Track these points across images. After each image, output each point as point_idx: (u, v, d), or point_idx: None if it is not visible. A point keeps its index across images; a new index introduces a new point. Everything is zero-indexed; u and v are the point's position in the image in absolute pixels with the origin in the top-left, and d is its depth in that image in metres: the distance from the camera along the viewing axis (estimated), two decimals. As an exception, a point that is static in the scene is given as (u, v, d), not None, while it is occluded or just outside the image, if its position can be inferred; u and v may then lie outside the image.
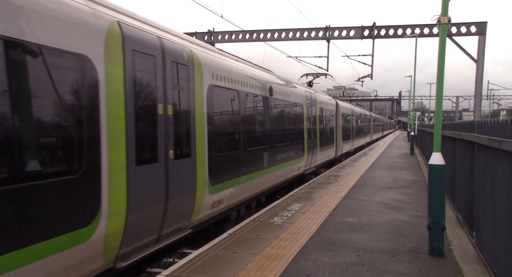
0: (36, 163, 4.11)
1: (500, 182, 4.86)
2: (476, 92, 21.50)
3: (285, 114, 12.62)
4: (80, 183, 4.54)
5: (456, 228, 8.07)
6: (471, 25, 21.04)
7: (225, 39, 24.27)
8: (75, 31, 4.59)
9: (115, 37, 5.19)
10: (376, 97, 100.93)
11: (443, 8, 6.47)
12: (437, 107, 6.86)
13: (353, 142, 28.27)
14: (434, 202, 6.43)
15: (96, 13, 5.01)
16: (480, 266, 5.92)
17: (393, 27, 22.74)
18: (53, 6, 4.36)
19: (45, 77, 4.24)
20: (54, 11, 4.36)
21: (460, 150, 8.39)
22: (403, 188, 12.85)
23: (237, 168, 8.75)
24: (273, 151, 11.00)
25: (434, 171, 6.48)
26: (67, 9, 4.54)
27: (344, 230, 7.69)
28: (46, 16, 4.24)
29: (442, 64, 6.56)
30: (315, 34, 23.53)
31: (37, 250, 4.04)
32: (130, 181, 5.31)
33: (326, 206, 9.77)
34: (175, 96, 6.47)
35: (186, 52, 6.87)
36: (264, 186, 10.66)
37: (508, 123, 4.53)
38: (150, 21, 6.37)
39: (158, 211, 5.97)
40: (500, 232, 4.81)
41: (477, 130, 6.39)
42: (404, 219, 8.68)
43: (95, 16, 4.94)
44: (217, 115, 7.90)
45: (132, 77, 5.46)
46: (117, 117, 5.13)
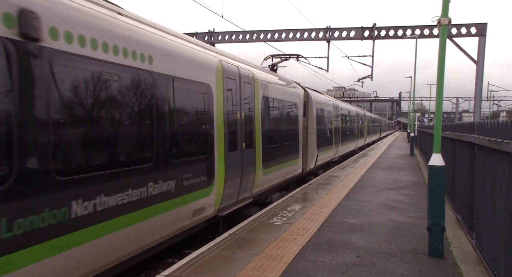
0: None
1: (500, 183, 4.86)
2: (476, 93, 21.52)
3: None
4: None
5: (456, 229, 8.07)
6: (471, 26, 21.05)
7: (225, 40, 24.28)
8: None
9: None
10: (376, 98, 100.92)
11: (444, 9, 6.48)
12: (437, 108, 6.87)
13: (337, 149, 21.40)
14: (434, 203, 6.43)
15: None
16: (479, 267, 5.92)
17: (393, 28, 22.75)
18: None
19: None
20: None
21: (460, 151, 8.39)
22: (403, 189, 12.85)
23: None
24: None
25: (434, 172, 6.48)
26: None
27: (344, 231, 7.69)
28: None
29: (442, 65, 6.57)
30: (315, 34, 23.54)
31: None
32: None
33: (326, 207, 9.77)
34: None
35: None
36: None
37: (508, 124, 4.53)
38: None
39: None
40: (500, 233, 4.81)
41: (477, 131, 6.40)
42: (404, 220, 8.68)
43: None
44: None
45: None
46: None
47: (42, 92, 4.06)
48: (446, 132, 9.88)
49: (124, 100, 5.28)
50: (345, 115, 24.97)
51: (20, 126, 3.79)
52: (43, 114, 4.04)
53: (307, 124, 15.24)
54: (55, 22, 4.24)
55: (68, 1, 4.55)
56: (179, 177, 6.42)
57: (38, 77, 4.02)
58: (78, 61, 4.53)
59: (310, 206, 9.87)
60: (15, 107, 3.78)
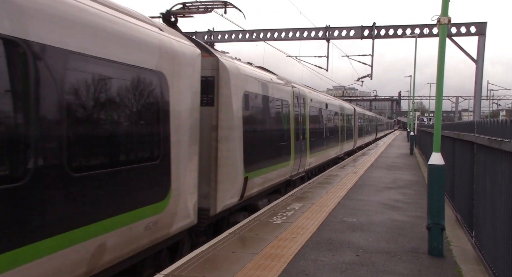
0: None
1: (500, 182, 4.86)
2: (475, 92, 21.54)
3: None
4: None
5: (455, 228, 8.07)
6: (471, 25, 21.06)
7: (225, 39, 24.29)
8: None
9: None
10: (376, 97, 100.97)
11: (443, 8, 6.47)
12: (436, 107, 6.86)
13: (304, 160, 14.05)
14: (434, 202, 6.43)
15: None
16: (479, 266, 5.92)
17: (393, 27, 22.76)
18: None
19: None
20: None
21: (459, 150, 8.39)
22: (402, 188, 12.85)
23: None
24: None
25: (434, 171, 6.48)
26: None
27: (344, 230, 7.69)
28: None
29: (442, 64, 6.56)
30: (315, 34, 23.55)
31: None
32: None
33: (326, 206, 9.77)
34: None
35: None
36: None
37: (508, 123, 4.53)
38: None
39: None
40: (500, 232, 4.81)
41: (477, 130, 6.40)
42: (404, 219, 8.69)
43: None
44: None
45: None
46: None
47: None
48: (446, 131, 9.88)
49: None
50: (320, 111, 17.53)
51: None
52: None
53: (215, 122, 7.78)
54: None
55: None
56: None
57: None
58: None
59: (310, 205, 9.87)
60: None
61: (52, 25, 4.10)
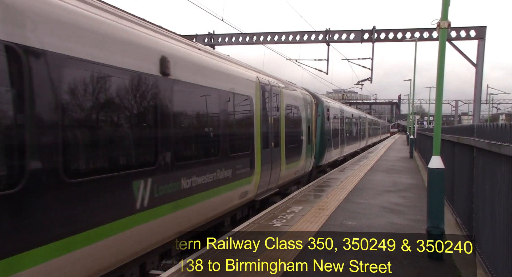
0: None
1: (499, 186, 4.87)
2: (475, 96, 21.54)
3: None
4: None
5: (455, 232, 8.07)
6: (471, 29, 21.09)
7: (225, 42, 24.31)
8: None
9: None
10: (375, 100, 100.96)
11: (443, 12, 6.50)
12: (436, 110, 6.88)
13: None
14: (433, 205, 6.43)
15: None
16: (479, 270, 5.92)
17: (393, 30, 22.78)
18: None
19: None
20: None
21: (459, 154, 8.40)
22: (402, 191, 12.86)
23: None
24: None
25: (434, 174, 6.49)
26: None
27: (343, 233, 7.68)
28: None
29: (441, 68, 6.58)
30: (315, 37, 23.57)
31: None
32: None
33: (326, 209, 9.78)
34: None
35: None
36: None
37: (507, 127, 4.54)
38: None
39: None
40: (499, 236, 4.82)
41: (477, 134, 6.41)
42: (403, 222, 8.69)
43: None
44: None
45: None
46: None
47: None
48: (446, 134, 9.89)
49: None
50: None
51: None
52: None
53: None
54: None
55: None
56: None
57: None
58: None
59: (310, 208, 9.88)
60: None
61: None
